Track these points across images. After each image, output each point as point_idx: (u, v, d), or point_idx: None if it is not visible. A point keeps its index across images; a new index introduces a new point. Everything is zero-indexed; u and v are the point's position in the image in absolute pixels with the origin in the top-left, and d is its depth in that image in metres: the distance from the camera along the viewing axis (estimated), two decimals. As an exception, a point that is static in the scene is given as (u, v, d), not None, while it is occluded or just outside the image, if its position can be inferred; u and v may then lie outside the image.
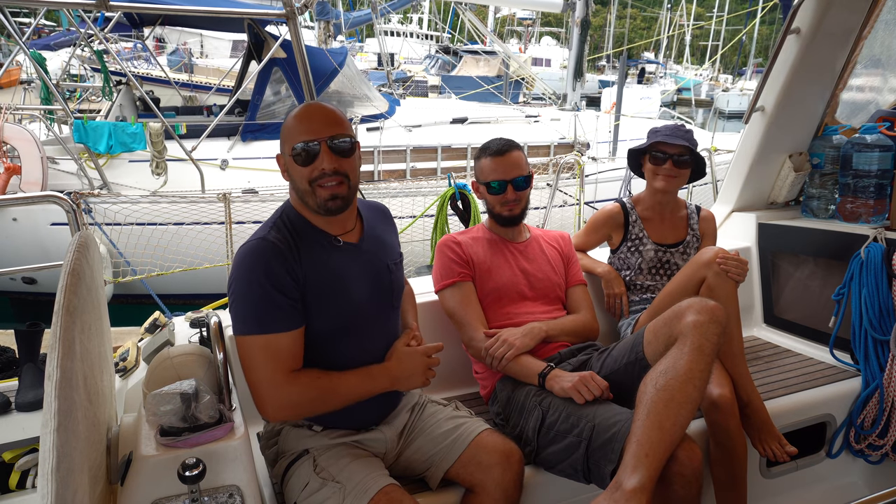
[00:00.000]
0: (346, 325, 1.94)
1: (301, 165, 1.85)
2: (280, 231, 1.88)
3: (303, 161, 1.84)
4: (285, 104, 9.19)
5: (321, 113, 1.88)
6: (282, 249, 1.82)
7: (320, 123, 1.85)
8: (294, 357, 1.84)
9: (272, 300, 1.78)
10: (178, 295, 7.39)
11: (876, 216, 3.20)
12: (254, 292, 1.78)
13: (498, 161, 2.52)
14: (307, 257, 1.87)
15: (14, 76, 13.46)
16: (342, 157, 1.85)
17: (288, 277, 1.80)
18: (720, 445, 2.37)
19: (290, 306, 1.81)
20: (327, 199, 1.85)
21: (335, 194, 1.85)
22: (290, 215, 1.95)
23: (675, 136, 2.80)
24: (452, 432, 2.10)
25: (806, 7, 3.17)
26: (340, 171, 1.85)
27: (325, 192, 1.85)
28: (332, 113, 1.89)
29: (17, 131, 7.52)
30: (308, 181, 1.85)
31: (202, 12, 7.30)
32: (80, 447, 1.31)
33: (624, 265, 2.98)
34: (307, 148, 1.83)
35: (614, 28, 51.22)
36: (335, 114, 1.90)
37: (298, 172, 1.86)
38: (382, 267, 2.07)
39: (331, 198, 1.85)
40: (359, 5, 28.50)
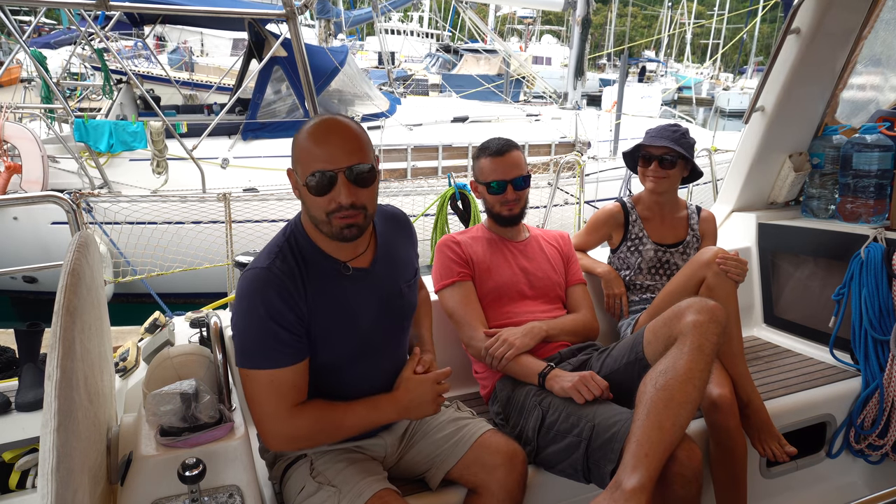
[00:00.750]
0: (353, 355, 1.89)
1: (316, 196, 1.71)
2: (286, 259, 1.78)
3: (318, 192, 1.70)
4: (286, 103, 9.19)
5: (340, 137, 1.71)
6: (285, 283, 1.73)
7: (339, 150, 1.69)
8: (298, 390, 1.78)
9: (275, 335, 1.71)
10: (178, 294, 7.40)
11: (876, 216, 3.20)
12: (256, 327, 1.71)
13: (497, 161, 2.52)
14: (313, 289, 1.78)
15: (14, 75, 13.46)
16: (361, 188, 1.72)
17: (291, 313, 1.72)
18: (720, 445, 2.37)
19: (294, 341, 1.74)
20: (343, 229, 1.73)
21: (351, 224, 1.73)
22: (299, 239, 1.84)
23: (660, 137, 2.83)
24: (454, 434, 2.09)
25: (806, 7, 3.17)
26: (358, 203, 1.71)
27: (341, 222, 1.72)
28: (352, 136, 1.73)
29: (17, 130, 7.52)
30: (324, 212, 1.72)
31: (202, 12, 7.32)
32: (80, 447, 1.31)
33: (624, 265, 2.98)
34: (324, 178, 1.68)
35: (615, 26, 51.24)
36: (356, 137, 1.74)
37: (313, 201, 1.73)
38: (394, 291, 1.98)
39: (346, 227, 1.73)
40: (359, 4, 28.49)
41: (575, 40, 13.78)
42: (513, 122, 11.08)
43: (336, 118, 1.75)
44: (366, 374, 1.94)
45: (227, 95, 10.33)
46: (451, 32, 32.79)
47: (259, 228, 6.67)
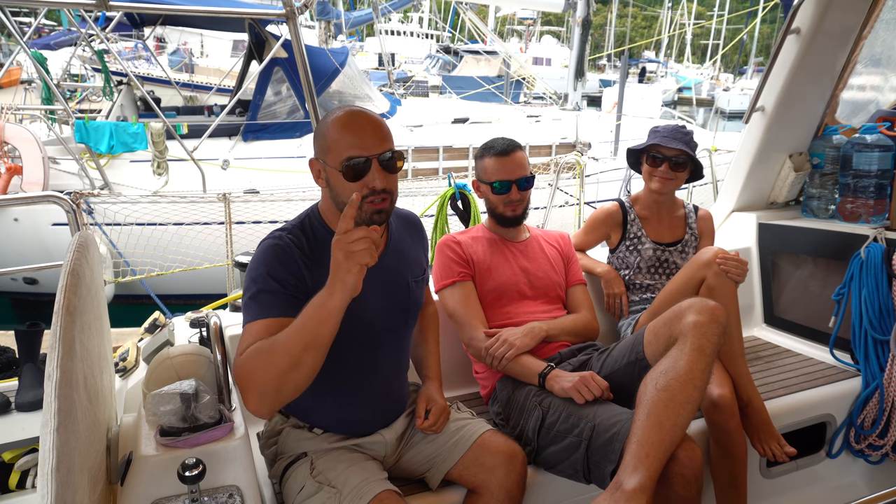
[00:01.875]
0: (351, 340, 1.87)
1: (350, 181, 1.76)
2: (296, 234, 1.84)
3: (353, 177, 1.75)
4: (286, 104, 9.19)
5: (372, 126, 1.79)
6: (290, 251, 1.79)
7: (372, 138, 1.77)
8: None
9: (271, 291, 1.73)
10: (178, 295, 7.40)
11: (876, 216, 3.20)
12: (258, 281, 1.75)
13: (503, 161, 2.52)
14: (320, 269, 1.78)
15: (15, 76, 13.47)
16: (391, 174, 1.80)
17: (291, 276, 1.76)
18: (720, 445, 2.38)
19: (288, 296, 1.73)
20: (372, 214, 1.79)
21: (381, 209, 1.79)
22: (315, 222, 1.90)
23: (674, 139, 2.80)
24: (454, 434, 2.09)
25: (806, 7, 3.17)
26: (388, 188, 1.79)
27: (371, 207, 1.78)
28: (381, 126, 1.81)
29: (18, 131, 7.53)
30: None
31: (202, 12, 7.31)
32: (80, 447, 1.31)
33: (623, 264, 2.98)
34: (358, 164, 1.74)
35: (615, 27, 51.25)
36: (384, 127, 1.82)
37: (345, 187, 1.77)
38: (402, 283, 2.03)
39: (376, 212, 1.79)
40: (359, 5, 28.54)
41: (575, 41, 13.80)
42: (513, 123, 11.07)
43: (362, 109, 1.82)
44: (371, 360, 1.97)
45: (228, 97, 10.33)
46: (451, 33, 32.83)
47: (259, 229, 6.67)
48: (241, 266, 2.81)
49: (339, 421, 1.99)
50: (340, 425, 2.00)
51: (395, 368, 2.07)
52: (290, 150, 8.87)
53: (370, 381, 1.98)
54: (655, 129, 2.91)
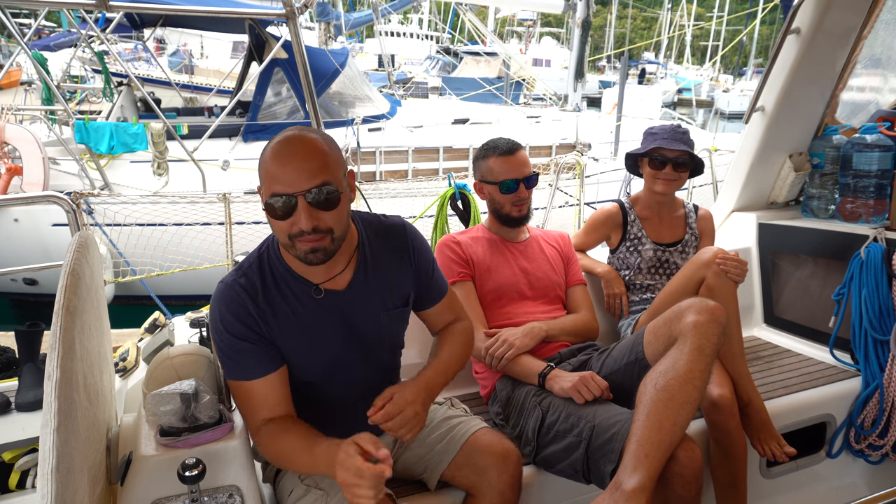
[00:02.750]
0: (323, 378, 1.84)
1: (277, 220, 1.63)
2: (250, 277, 1.75)
3: (278, 216, 1.61)
4: (287, 105, 9.20)
5: (301, 157, 1.60)
6: (240, 298, 1.71)
7: (300, 172, 1.58)
8: (269, 404, 1.73)
9: (233, 347, 1.70)
10: (178, 296, 7.40)
11: (876, 216, 3.20)
12: (220, 340, 1.71)
13: (509, 160, 2.52)
14: (281, 310, 1.74)
15: (14, 77, 13.47)
16: (325, 210, 1.62)
17: (244, 327, 1.70)
18: (720, 445, 2.37)
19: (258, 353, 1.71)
20: (307, 253, 1.65)
21: (315, 248, 1.64)
22: (272, 257, 1.79)
23: (674, 140, 2.80)
24: (445, 434, 2.03)
25: (806, 7, 3.17)
26: (321, 227, 1.62)
27: (305, 246, 1.64)
28: (314, 155, 1.62)
29: (18, 132, 7.54)
30: (286, 235, 1.64)
31: (202, 12, 7.30)
32: (80, 447, 1.31)
33: (623, 265, 2.98)
34: (282, 203, 1.59)
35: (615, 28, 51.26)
36: (319, 155, 1.62)
37: (275, 224, 1.65)
38: (369, 318, 1.87)
39: (311, 251, 1.64)
40: (359, 6, 28.54)
41: (575, 42, 13.81)
42: (513, 124, 11.08)
43: (300, 134, 1.65)
44: (341, 393, 1.89)
45: (228, 98, 10.33)
46: (451, 35, 32.83)
47: (259, 229, 6.67)
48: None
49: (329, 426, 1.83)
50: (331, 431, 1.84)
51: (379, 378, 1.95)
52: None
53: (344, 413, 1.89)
54: (651, 131, 2.90)
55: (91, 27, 10.06)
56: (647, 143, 2.87)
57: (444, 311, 2.07)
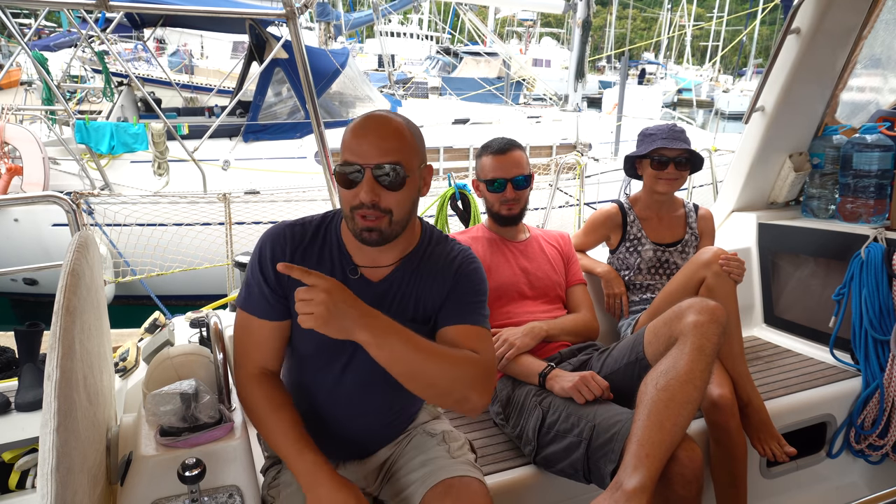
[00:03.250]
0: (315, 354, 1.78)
1: (343, 187, 1.63)
2: (305, 229, 1.76)
3: (344, 184, 1.62)
4: (287, 105, 9.20)
5: (378, 133, 1.62)
6: (285, 244, 1.72)
7: (373, 146, 1.59)
8: (261, 350, 1.74)
9: (256, 283, 1.72)
10: (179, 296, 7.40)
11: (876, 216, 3.20)
12: (249, 267, 1.75)
13: (499, 159, 2.53)
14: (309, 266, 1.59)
15: (14, 77, 13.47)
16: (388, 190, 1.60)
17: (273, 270, 1.68)
18: (720, 445, 2.37)
19: (268, 296, 1.70)
20: (362, 230, 1.62)
21: (372, 227, 1.61)
22: (332, 224, 1.79)
23: (674, 139, 2.81)
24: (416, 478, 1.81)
25: (806, 7, 3.17)
26: (381, 206, 1.60)
27: (362, 221, 1.61)
28: (392, 134, 1.63)
29: (18, 132, 7.55)
30: (349, 206, 1.63)
31: (202, 12, 7.31)
32: (80, 447, 1.31)
33: (623, 265, 2.98)
34: (349, 171, 1.60)
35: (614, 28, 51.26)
36: (396, 136, 1.63)
37: (342, 193, 1.64)
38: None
39: (366, 229, 1.62)
40: (359, 6, 28.55)
41: (575, 42, 13.81)
42: (514, 124, 11.09)
43: (384, 114, 1.67)
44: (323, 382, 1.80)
45: (228, 98, 10.32)
46: (451, 35, 32.82)
47: (259, 229, 6.66)
48: (241, 266, 2.81)
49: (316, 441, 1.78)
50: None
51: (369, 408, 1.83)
52: (291, 150, 8.87)
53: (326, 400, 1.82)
54: (648, 132, 2.89)
55: (91, 27, 10.06)
56: (646, 145, 2.87)
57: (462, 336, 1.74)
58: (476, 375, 1.66)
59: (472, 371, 1.65)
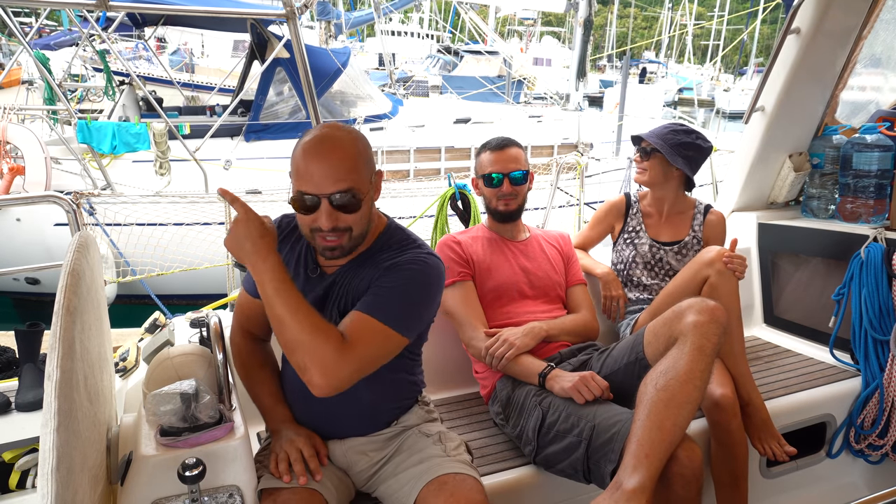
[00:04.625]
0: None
1: (300, 213, 1.74)
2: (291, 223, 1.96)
3: (302, 211, 1.73)
4: (288, 104, 9.21)
5: (330, 161, 1.68)
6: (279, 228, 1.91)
7: (326, 175, 1.67)
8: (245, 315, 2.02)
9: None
10: (180, 296, 7.40)
11: (876, 216, 3.20)
12: None
13: (497, 155, 2.55)
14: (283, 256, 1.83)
15: (15, 76, 13.47)
16: (345, 213, 1.70)
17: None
18: (722, 445, 2.38)
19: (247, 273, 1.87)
20: (325, 249, 1.77)
21: (333, 247, 1.75)
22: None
23: (652, 131, 2.89)
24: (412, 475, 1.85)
25: (806, 7, 3.17)
26: (340, 226, 1.71)
27: (323, 242, 1.74)
28: (343, 158, 1.69)
29: (20, 131, 7.55)
30: (308, 228, 1.75)
31: (202, 12, 7.31)
32: (80, 447, 1.31)
33: (618, 258, 2.99)
34: (306, 200, 1.70)
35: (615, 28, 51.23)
36: (347, 159, 1.70)
37: (299, 217, 1.77)
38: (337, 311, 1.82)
39: (329, 248, 1.75)
40: (359, 5, 28.52)
41: (577, 41, 13.81)
42: (515, 124, 11.09)
43: (333, 133, 1.72)
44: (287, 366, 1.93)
45: (229, 97, 10.32)
46: (452, 33, 32.78)
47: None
48: (242, 266, 2.81)
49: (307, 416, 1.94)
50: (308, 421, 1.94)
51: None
52: (292, 150, 8.88)
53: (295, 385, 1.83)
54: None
55: (93, 26, 10.06)
56: None
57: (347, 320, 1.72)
58: (324, 353, 1.61)
59: (322, 346, 1.62)
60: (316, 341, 1.61)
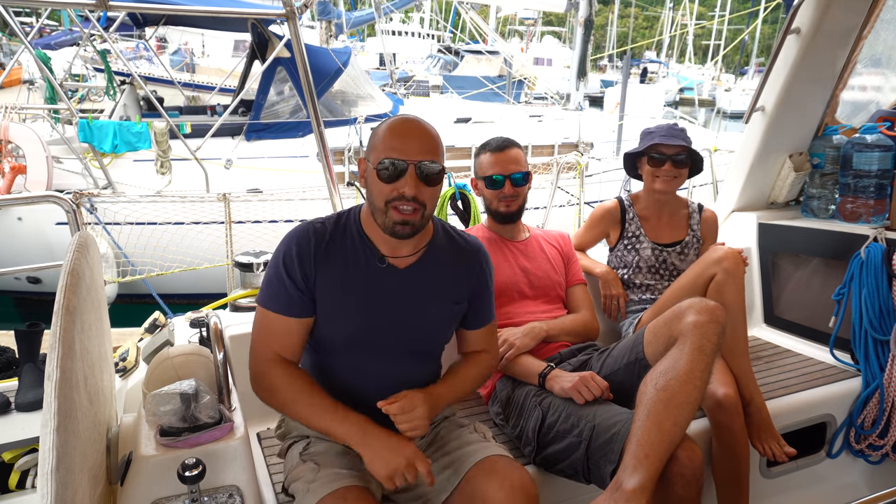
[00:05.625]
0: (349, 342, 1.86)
1: (383, 182, 1.75)
2: (327, 224, 1.88)
3: (387, 178, 1.74)
4: (289, 104, 9.21)
5: (420, 134, 1.79)
6: (310, 240, 1.82)
7: (415, 145, 1.76)
8: (282, 343, 1.83)
9: (280, 281, 1.80)
10: (181, 295, 7.41)
11: (876, 216, 3.20)
12: (272, 265, 1.83)
13: (497, 156, 2.54)
14: (335, 260, 1.82)
15: (16, 76, 13.47)
16: (426, 185, 1.76)
17: (299, 269, 1.79)
18: (724, 445, 2.38)
19: (292, 293, 1.79)
20: (397, 223, 1.76)
21: (407, 220, 1.76)
22: (352, 220, 1.90)
23: (672, 137, 2.79)
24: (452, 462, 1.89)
25: (806, 7, 3.17)
26: (420, 198, 1.75)
27: (397, 215, 1.75)
28: (429, 136, 1.80)
29: (22, 131, 7.55)
30: (385, 200, 1.76)
31: (202, 12, 7.32)
32: (80, 447, 1.31)
33: (621, 263, 2.98)
34: (394, 165, 1.74)
35: (616, 27, 51.21)
36: (432, 138, 1.80)
37: (378, 187, 1.77)
38: (417, 305, 1.89)
39: (402, 222, 1.76)
40: (360, 5, 28.51)
41: (577, 41, 13.80)
42: (516, 123, 11.08)
43: (418, 119, 1.82)
44: (357, 367, 1.89)
45: (229, 97, 10.31)
46: (453, 33, 32.77)
47: (259, 229, 6.68)
48: (241, 266, 2.81)
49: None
50: None
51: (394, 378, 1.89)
52: (293, 149, 8.88)
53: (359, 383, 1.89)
54: (648, 130, 2.89)
55: (94, 25, 10.07)
56: (644, 142, 2.86)
57: (480, 339, 2.09)
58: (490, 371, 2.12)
59: (487, 372, 2.10)
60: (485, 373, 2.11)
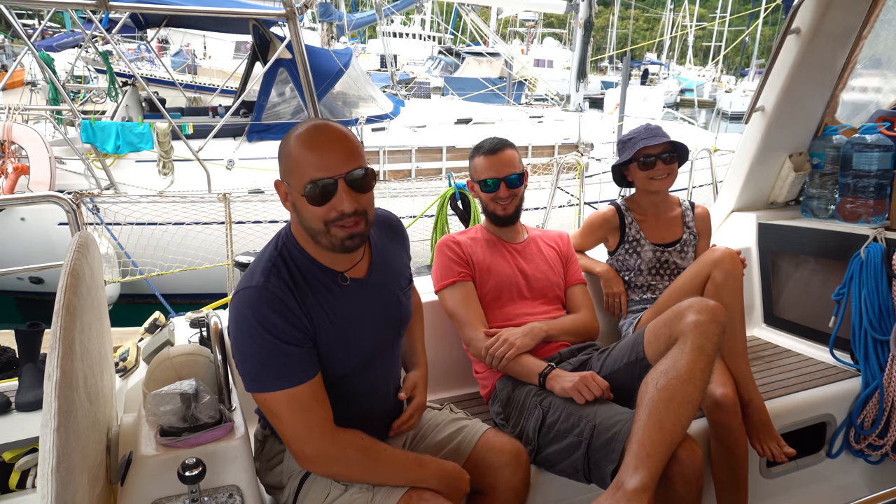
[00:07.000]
0: (357, 366, 1.82)
1: (315, 205, 1.61)
2: (280, 275, 1.67)
3: (317, 201, 1.60)
4: (291, 105, 9.22)
5: (337, 141, 1.63)
6: (282, 300, 1.63)
7: (337, 155, 1.61)
8: (322, 403, 1.68)
9: (283, 353, 1.62)
10: (183, 295, 7.42)
11: (876, 216, 3.20)
12: (261, 348, 1.61)
13: (491, 159, 2.53)
14: (312, 302, 1.69)
15: (18, 77, 13.48)
16: (362, 193, 1.64)
17: (294, 329, 1.63)
18: (723, 445, 2.37)
19: (305, 355, 1.66)
20: (344, 239, 1.65)
21: (353, 234, 1.65)
22: (292, 251, 1.74)
23: (654, 136, 2.78)
24: (456, 435, 2.05)
25: (806, 7, 3.17)
26: (360, 209, 1.64)
27: (342, 232, 1.64)
28: (348, 140, 1.65)
29: (25, 131, 7.58)
30: (323, 221, 1.63)
31: (202, 12, 7.33)
32: (80, 447, 1.31)
33: (623, 266, 2.97)
34: (323, 186, 1.59)
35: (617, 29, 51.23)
36: (352, 141, 1.66)
37: (310, 212, 1.62)
38: (392, 299, 1.91)
39: (348, 237, 1.65)
40: (361, 6, 28.55)
41: (577, 43, 13.83)
42: (516, 124, 11.09)
43: (326, 122, 1.67)
44: (371, 382, 1.90)
45: (231, 98, 10.32)
46: (454, 35, 32.79)
47: (259, 229, 6.70)
48: (241, 266, 2.82)
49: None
50: None
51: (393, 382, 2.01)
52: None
53: (371, 402, 1.91)
54: (625, 138, 2.88)
55: (97, 26, 10.09)
56: (628, 150, 2.84)
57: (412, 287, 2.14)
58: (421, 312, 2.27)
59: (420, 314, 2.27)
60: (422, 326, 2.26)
